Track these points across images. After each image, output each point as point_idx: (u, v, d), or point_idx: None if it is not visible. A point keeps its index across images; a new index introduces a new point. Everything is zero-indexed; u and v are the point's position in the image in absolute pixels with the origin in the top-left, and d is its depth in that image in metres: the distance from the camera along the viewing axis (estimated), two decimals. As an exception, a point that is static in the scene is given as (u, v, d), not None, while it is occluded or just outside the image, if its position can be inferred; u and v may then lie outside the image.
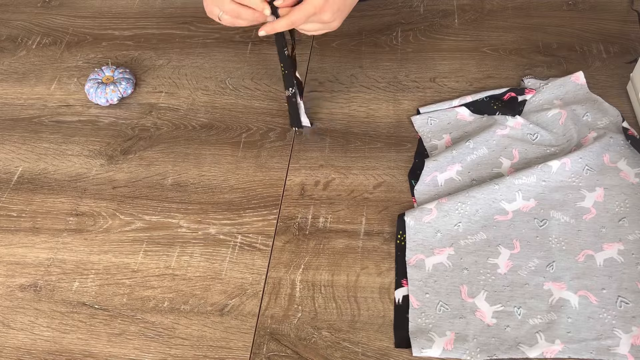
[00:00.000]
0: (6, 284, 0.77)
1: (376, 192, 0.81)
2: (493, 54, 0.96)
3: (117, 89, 0.93)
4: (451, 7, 1.05)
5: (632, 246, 0.72)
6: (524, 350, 0.65)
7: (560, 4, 1.03)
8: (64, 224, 0.82)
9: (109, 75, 0.95)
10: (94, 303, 0.74)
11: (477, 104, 0.88)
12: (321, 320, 0.70)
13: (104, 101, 0.94)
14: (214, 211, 0.81)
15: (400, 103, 0.91)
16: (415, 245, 0.75)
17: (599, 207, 0.76)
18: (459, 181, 0.81)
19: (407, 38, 1.00)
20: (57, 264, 0.78)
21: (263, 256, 0.76)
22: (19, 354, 0.71)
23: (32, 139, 0.93)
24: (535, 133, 0.84)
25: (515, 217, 0.76)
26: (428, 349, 0.66)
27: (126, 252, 0.78)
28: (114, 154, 0.89)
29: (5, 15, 1.14)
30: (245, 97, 0.95)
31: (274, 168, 0.85)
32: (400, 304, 0.70)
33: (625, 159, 0.79)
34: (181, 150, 0.89)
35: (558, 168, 0.78)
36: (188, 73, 0.99)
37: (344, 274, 0.74)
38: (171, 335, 0.71)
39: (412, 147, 0.85)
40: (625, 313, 0.67)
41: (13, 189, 0.86)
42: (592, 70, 0.91)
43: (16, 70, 1.04)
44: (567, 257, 0.72)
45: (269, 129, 0.90)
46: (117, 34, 1.07)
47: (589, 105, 0.85)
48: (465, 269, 0.72)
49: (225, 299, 0.73)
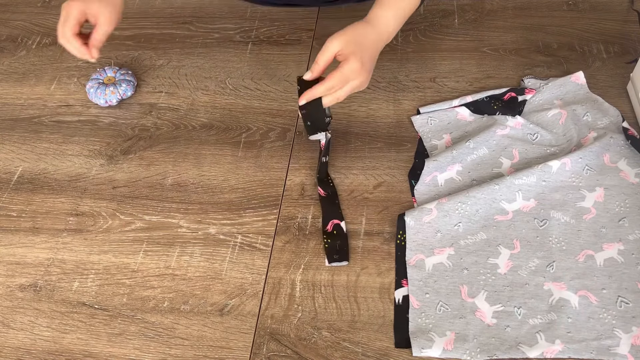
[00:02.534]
0: (6, 284, 0.77)
1: (376, 192, 0.81)
2: (493, 54, 0.96)
3: (116, 91, 0.93)
4: (451, 7, 1.05)
5: (632, 246, 0.72)
6: (524, 351, 0.65)
7: (560, 4, 1.03)
8: (64, 224, 0.82)
9: (110, 76, 0.95)
10: (94, 303, 0.74)
11: (477, 104, 0.88)
12: (321, 320, 0.70)
13: (102, 102, 0.94)
14: (214, 211, 0.81)
15: (400, 103, 0.91)
16: (416, 245, 0.75)
17: (599, 207, 0.76)
18: (459, 181, 0.81)
19: (407, 38, 1.00)
20: (57, 264, 0.78)
21: (263, 256, 0.76)
22: (18, 354, 0.70)
23: (32, 139, 0.93)
24: (536, 133, 0.84)
25: (515, 217, 0.76)
26: (428, 349, 0.66)
27: (126, 252, 0.78)
28: (114, 154, 0.89)
29: (5, 15, 1.14)
30: (245, 97, 0.95)
31: (274, 168, 0.85)
32: (401, 304, 0.70)
33: (625, 159, 0.79)
34: (181, 150, 0.89)
35: (558, 168, 0.78)
36: (188, 73, 0.99)
37: (344, 274, 0.74)
38: (171, 335, 0.71)
39: (412, 147, 0.85)
40: (625, 313, 0.67)
41: (13, 189, 0.86)
42: (592, 70, 0.91)
43: (16, 70, 1.04)
44: (567, 257, 0.72)
45: (269, 129, 0.90)
46: (117, 34, 1.07)
47: (589, 105, 0.85)
48: (465, 269, 0.72)
49: (225, 299, 0.73)
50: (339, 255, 0.75)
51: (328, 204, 0.80)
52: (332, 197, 0.80)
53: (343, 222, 0.77)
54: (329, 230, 0.77)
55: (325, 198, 0.80)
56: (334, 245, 0.75)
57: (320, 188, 0.81)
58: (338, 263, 0.74)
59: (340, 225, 0.77)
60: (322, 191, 0.81)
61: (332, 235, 0.76)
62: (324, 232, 0.77)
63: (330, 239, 0.76)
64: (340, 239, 0.76)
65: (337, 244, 0.76)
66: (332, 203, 0.80)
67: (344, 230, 0.77)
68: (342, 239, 0.76)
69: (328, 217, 0.78)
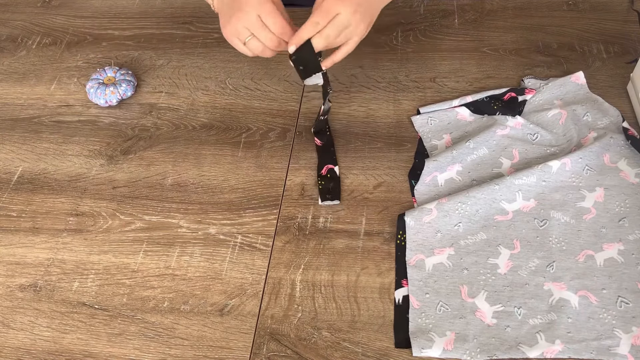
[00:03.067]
0: (6, 284, 0.77)
1: (376, 192, 0.81)
2: (493, 54, 0.96)
3: (116, 91, 0.93)
4: (451, 7, 1.04)
5: (632, 246, 0.72)
6: (524, 351, 0.65)
7: (560, 4, 1.03)
8: (64, 224, 0.82)
9: (110, 76, 0.95)
10: (93, 303, 0.74)
11: (477, 104, 0.88)
12: (321, 321, 0.70)
13: (102, 102, 0.94)
14: (214, 211, 0.81)
15: (400, 103, 0.91)
16: (416, 246, 0.75)
17: (599, 207, 0.75)
18: (459, 181, 0.81)
19: (407, 38, 1.00)
20: (57, 264, 0.78)
21: (263, 256, 0.76)
22: (18, 354, 0.70)
23: (32, 139, 0.93)
24: (536, 133, 0.84)
25: (515, 217, 0.76)
26: (428, 349, 0.66)
27: (126, 252, 0.78)
28: (114, 154, 0.89)
29: (5, 15, 1.14)
30: (245, 97, 0.95)
31: (274, 168, 0.85)
32: (401, 304, 0.70)
33: (625, 159, 0.79)
34: (181, 150, 0.88)
35: (558, 168, 0.78)
36: (188, 73, 0.99)
37: (344, 274, 0.74)
38: (171, 335, 0.71)
39: (412, 147, 0.85)
40: (626, 313, 0.67)
41: (13, 189, 0.86)
42: (592, 70, 0.91)
43: (16, 70, 1.04)
44: (567, 257, 0.72)
45: (269, 129, 0.90)
46: (117, 34, 1.07)
47: (589, 105, 0.85)
48: (465, 269, 0.72)
49: (225, 299, 0.73)
50: (332, 195, 0.80)
51: (324, 151, 0.85)
52: (328, 145, 0.86)
53: (337, 167, 0.83)
54: (323, 173, 0.82)
55: (321, 147, 0.86)
56: (327, 187, 0.81)
57: (316, 138, 0.86)
58: (330, 202, 0.80)
59: (334, 169, 0.83)
60: (319, 141, 0.86)
61: (326, 178, 0.82)
62: (318, 175, 0.82)
63: (324, 181, 0.82)
64: (333, 182, 0.82)
65: (330, 185, 0.81)
66: (328, 150, 0.85)
67: (337, 173, 0.83)
68: (334, 181, 0.82)
69: (323, 162, 0.84)
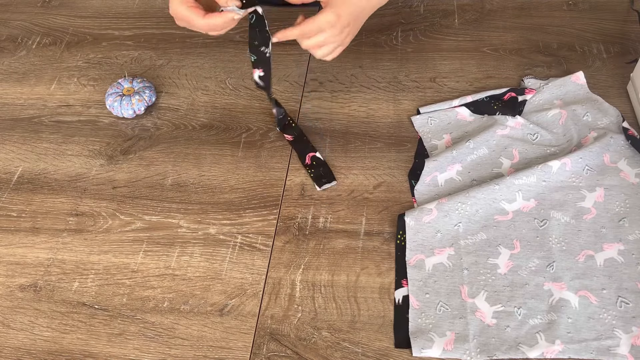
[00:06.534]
0: (6, 284, 0.77)
1: (376, 192, 0.81)
2: (493, 54, 0.96)
3: (142, 98, 0.91)
4: (451, 7, 1.04)
5: (632, 246, 0.72)
6: (524, 351, 0.65)
7: (560, 4, 1.03)
8: (64, 224, 0.82)
9: (128, 87, 0.93)
10: (93, 303, 0.74)
11: (477, 104, 0.88)
12: (321, 321, 0.70)
13: (131, 112, 0.91)
14: (214, 211, 0.81)
15: (400, 103, 0.91)
16: (416, 246, 0.75)
17: (599, 207, 0.75)
18: (459, 181, 0.81)
19: (407, 38, 1.00)
20: (57, 264, 0.78)
21: (263, 256, 0.76)
22: (18, 354, 0.71)
23: (32, 139, 0.93)
24: (536, 133, 0.84)
25: (515, 217, 0.76)
26: (428, 349, 0.66)
27: (126, 252, 0.78)
28: (114, 154, 0.89)
29: (5, 15, 1.14)
30: (245, 97, 0.95)
31: (274, 168, 0.85)
32: (400, 304, 0.70)
33: (625, 159, 0.79)
34: (181, 150, 0.89)
35: (558, 168, 0.78)
36: (188, 73, 0.99)
37: (344, 274, 0.74)
38: (171, 335, 0.71)
39: (412, 147, 0.85)
40: (626, 313, 0.67)
41: (13, 189, 0.86)
42: (592, 70, 0.91)
43: (16, 70, 1.04)
44: (567, 257, 0.72)
45: (269, 129, 0.90)
46: (117, 34, 1.07)
47: (589, 105, 0.85)
48: (465, 269, 0.72)
49: (225, 299, 0.73)
50: (326, 178, 0.82)
51: (298, 142, 0.86)
52: (299, 136, 0.86)
53: (317, 152, 0.84)
54: (308, 163, 0.84)
55: (293, 140, 0.86)
56: (319, 173, 0.82)
57: (285, 135, 0.87)
58: (328, 184, 0.81)
59: (316, 155, 0.84)
60: (289, 136, 0.87)
61: (313, 166, 0.83)
62: (304, 166, 0.83)
63: (313, 169, 0.83)
64: (322, 166, 0.83)
65: (321, 170, 0.83)
66: (301, 141, 0.86)
67: (321, 158, 0.84)
68: (323, 165, 0.83)
69: (303, 153, 0.85)
